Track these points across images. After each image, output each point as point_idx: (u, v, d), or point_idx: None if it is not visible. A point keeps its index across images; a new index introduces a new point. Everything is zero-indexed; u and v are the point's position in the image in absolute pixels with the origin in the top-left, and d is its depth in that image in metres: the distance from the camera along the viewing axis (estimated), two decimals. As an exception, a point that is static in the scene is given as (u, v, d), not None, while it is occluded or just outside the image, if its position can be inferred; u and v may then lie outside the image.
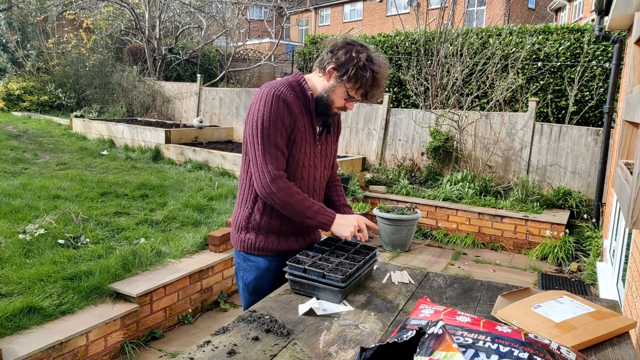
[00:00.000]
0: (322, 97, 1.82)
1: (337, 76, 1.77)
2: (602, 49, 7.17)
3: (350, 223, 1.82)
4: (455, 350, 1.00)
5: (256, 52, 17.38)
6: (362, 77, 1.73)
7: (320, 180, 1.97)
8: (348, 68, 1.73)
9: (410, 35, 8.99)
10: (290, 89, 1.79)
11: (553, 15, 25.56)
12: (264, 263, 1.91)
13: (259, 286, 1.91)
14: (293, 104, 1.77)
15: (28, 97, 12.45)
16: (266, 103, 1.74)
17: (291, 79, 1.84)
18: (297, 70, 1.93)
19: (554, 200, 6.14)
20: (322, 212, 1.82)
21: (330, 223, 1.82)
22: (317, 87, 1.84)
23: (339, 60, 1.75)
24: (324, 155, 1.96)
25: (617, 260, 3.75)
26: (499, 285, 1.84)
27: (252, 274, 1.93)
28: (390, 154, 7.94)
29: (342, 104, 1.83)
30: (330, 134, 1.99)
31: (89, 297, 3.11)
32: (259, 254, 1.91)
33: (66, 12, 14.00)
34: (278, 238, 1.91)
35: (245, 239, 1.92)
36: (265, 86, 1.80)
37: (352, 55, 1.73)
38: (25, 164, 6.95)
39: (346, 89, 1.78)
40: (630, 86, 2.33)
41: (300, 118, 1.80)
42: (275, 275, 1.87)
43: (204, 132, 8.87)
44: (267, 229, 1.90)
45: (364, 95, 1.80)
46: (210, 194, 5.56)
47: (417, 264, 5.12)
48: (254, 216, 1.89)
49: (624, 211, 1.68)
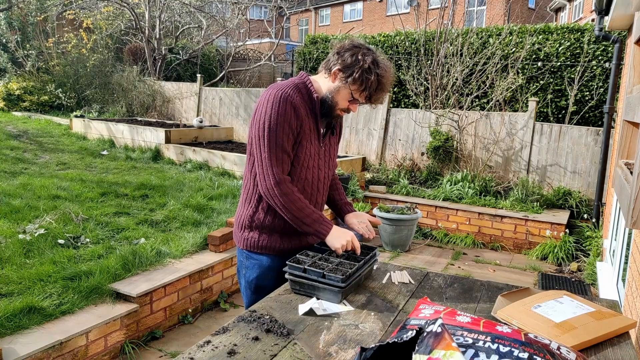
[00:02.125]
0: (327, 98, 1.84)
1: (342, 78, 1.78)
2: (602, 49, 7.16)
3: (344, 237, 1.83)
4: (454, 349, 1.00)
5: (256, 52, 17.38)
6: (367, 79, 1.75)
7: (324, 181, 1.99)
8: (353, 70, 1.75)
9: (410, 35, 8.98)
10: (297, 91, 1.80)
11: (553, 15, 25.56)
12: (267, 261, 1.93)
13: (261, 284, 1.93)
14: (300, 106, 1.78)
15: (28, 97, 12.45)
16: (273, 105, 1.74)
17: (297, 81, 1.85)
18: (302, 72, 1.92)
19: (554, 200, 6.14)
20: (319, 222, 1.83)
21: (326, 233, 1.83)
22: (322, 89, 1.86)
23: (345, 62, 1.76)
24: (327, 156, 1.98)
25: (617, 260, 3.75)
26: (499, 285, 1.84)
27: (255, 272, 1.94)
28: (390, 154, 7.94)
29: (346, 105, 1.84)
30: (334, 135, 2.01)
31: (89, 297, 3.11)
32: (262, 252, 1.93)
33: (66, 12, 14.00)
34: (281, 237, 1.92)
35: (249, 237, 1.93)
36: (272, 87, 1.81)
37: (358, 58, 1.75)
38: (25, 164, 6.95)
39: (351, 91, 1.80)
40: (630, 86, 2.33)
41: (306, 120, 1.81)
42: (277, 274, 1.87)
43: (204, 132, 8.88)
44: (270, 228, 1.91)
45: (368, 98, 1.81)
46: (210, 194, 5.56)
47: (417, 264, 5.12)
48: (258, 215, 1.91)
49: (624, 211, 1.68)
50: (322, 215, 1.88)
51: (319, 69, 1.89)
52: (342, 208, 2.13)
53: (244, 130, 10.11)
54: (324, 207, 2.07)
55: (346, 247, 1.82)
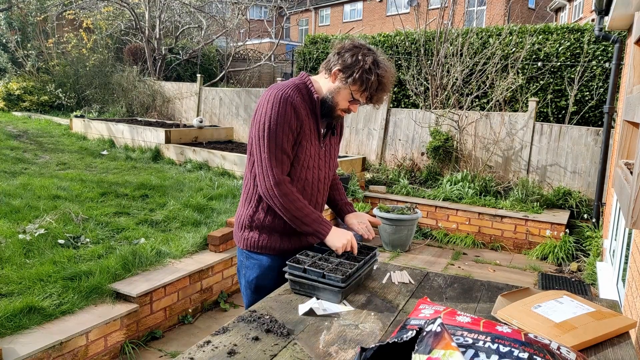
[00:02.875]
0: (327, 99, 1.84)
1: (342, 78, 1.78)
2: (602, 49, 7.17)
3: (344, 237, 1.83)
4: (454, 348, 1.00)
5: (256, 52, 17.38)
6: (367, 80, 1.74)
7: (324, 181, 1.99)
8: (354, 70, 1.74)
9: (410, 35, 8.98)
10: (298, 91, 1.80)
11: (553, 15, 25.56)
12: (267, 261, 1.93)
13: (261, 284, 1.93)
14: (300, 107, 1.78)
15: (28, 97, 12.46)
16: (274, 106, 1.74)
17: (298, 81, 1.84)
18: (303, 72, 1.92)
19: (554, 200, 6.14)
20: (319, 222, 1.83)
21: (325, 234, 1.83)
22: (323, 89, 1.85)
23: (345, 63, 1.76)
24: (327, 156, 1.98)
25: (617, 260, 3.75)
26: (499, 285, 1.84)
27: (255, 272, 1.95)
28: (390, 154, 7.94)
29: (346, 106, 1.84)
30: (334, 135, 2.01)
31: (89, 297, 3.11)
32: (262, 252, 1.93)
33: (66, 12, 14.00)
34: (281, 237, 1.92)
35: (249, 237, 1.94)
36: (273, 88, 1.80)
37: (359, 58, 1.74)
38: (25, 164, 6.95)
39: (351, 92, 1.79)
40: (630, 86, 2.33)
41: (306, 121, 1.81)
42: (277, 274, 1.88)
43: (204, 132, 8.88)
44: (270, 228, 1.91)
45: (369, 99, 1.81)
46: (210, 194, 5.55)
47: (417, 264, 5.12)
48: (258, 215, 1.91)
49: (624, 211, 1.68)
50: (321, 215, 1.88)
51: (320, 69, 1.89)
52: (343, 208, 2.13)
53: (244, 130, 10.11)
54: (324, 207, 2.07)
55: (346, 247, 1.83)
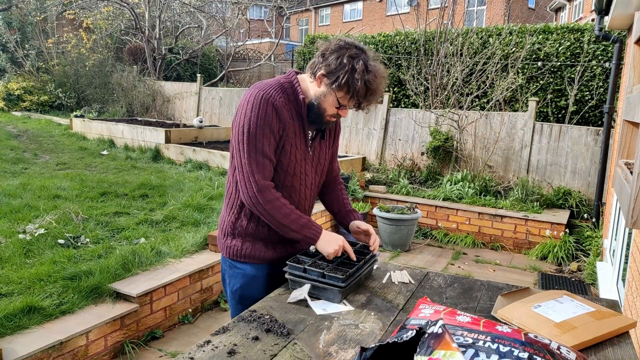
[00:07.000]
0: (314, 105, 1.70)
1: (327, 83, 1.63)
2: (602, 48, 7.16)
3: (336, 241, 1.73)
4: (454, 349, 1.00)
5: (256, 52, 17.37)
6: (354, 86, 1.58)
7: (312, 187, 1.87)
8: (339, 75, 1.59)
9: (410, 35, 8.98)
10: (281, 91, 1.67)
11: (553, 15, 25.55)
12: (251, 271, 1.82)
13: (246, 294, 1.83)
14: (283, 108, 1.65)
15: (28, 97, 12.46)
16: (254, 107, 1.62)
17: (283, 80, 1.72)
18: (290, 69, 1.77)
19: (554, 200, 6.14)
20: (307, 226, 1.72)
21: (316, 238, 1.73)
22: (309, 91, 1.71)
23: (329, 67, 1.60)
24: (316, 161, 1.84)
25: (617, 260, 3.75)
26: (499, 285, 1.84)
27: (239, 282, 1.84)
28: (390, 154, 7.94)
29: (335, 111, 1.70)
30: (324, 139, 1.86)
31: (89, 297, 3.11)
32: (246, 262, 1.82)
33: (66, 12, 14.01)
34: (265, 245, 1.81)
35: (231, 245, 1.82)
36: (255, 87, 1.68)
37: (344, 62, 1.58)
38: (25, 163, 6.95)
39: (337, 98, 1.65)
40: (630, 86, 2.33)
41: (290, 123, 1.68)
42: (263, 283, 1.81)
43: (204, 131, 8.88)
44: (254, 235, 1.80)
45: (357, 105, 1.66)
46: (210, 194, 5.55)
47: (417, 263, 5.12)
48: (241, 222, 1.80)
49: (624, 211, 1.68)
50: (310, 219, 1.77)
51: (306, 70, 1.74)
52: (346, 217, 2.00)
53: (244, 130, 10.10)
54: (311, 212, 1.98)
55: (338, 252, 1.74)
